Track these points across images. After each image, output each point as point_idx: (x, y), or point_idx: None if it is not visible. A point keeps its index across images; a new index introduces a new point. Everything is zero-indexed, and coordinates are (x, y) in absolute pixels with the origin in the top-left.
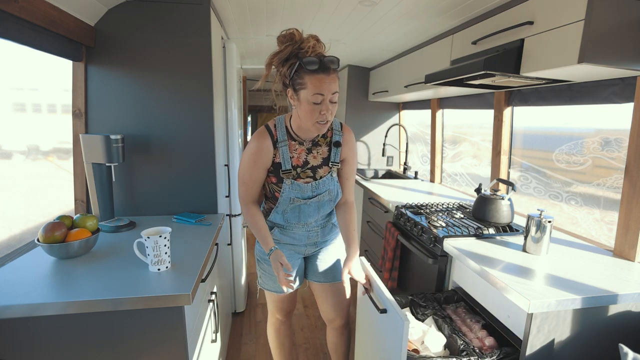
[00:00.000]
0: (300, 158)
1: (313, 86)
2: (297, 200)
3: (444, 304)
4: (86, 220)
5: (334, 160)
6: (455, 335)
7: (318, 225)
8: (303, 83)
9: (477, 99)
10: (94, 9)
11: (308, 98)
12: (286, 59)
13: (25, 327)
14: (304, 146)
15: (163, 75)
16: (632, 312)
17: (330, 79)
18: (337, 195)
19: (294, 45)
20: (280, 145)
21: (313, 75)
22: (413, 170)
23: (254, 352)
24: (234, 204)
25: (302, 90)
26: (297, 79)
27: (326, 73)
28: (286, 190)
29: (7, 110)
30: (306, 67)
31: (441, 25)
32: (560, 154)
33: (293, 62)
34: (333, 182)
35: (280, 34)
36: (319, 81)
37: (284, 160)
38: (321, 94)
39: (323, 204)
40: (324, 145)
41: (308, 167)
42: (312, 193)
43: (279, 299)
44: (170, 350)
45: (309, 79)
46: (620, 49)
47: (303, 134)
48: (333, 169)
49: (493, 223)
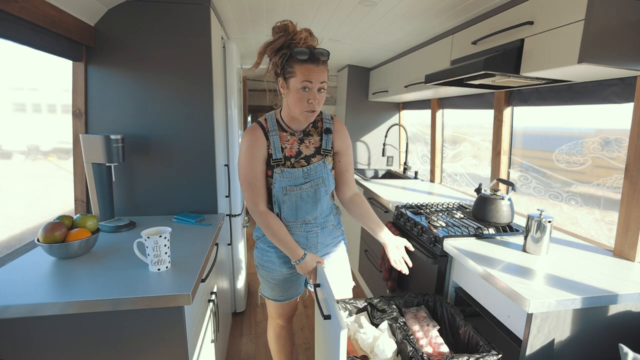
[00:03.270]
0: (293, 148)
1: (302, 74)
2: (289, 189)
3: (405, 308)
4: (86, 220)
5: (325, 147)
6: (406, 341)
7: (318, 225)
8: (293, 72)
9: (477, 99)
10: (94, 9)
11: (297, 86)
12: (278, 49)
13: (25, 327)
14: (295, 137)
15: (163, 75)
16: (632, 312)
17: (319, 69)
18: (331, 186)
19: (287, 36)
20: (271, 134)
21: (303, 64)
22: (413, 170)
23: (254, 352)
24: (234, 204)
25: (292, 79)
26: (287, 67)
27: (315, 63)
28: (277, 180)
29: (7, 110)
30: (296, 57)
31: (441, 26)
32: (560, 154)
33: (285, 52)
34: (326, 170)
35: (275, 25)
36: (307, 70)
37: (274, 149)
38: (309, 81)
39: (319, 196)
40: (315, 135)
41: (301, 156)
42: (304, 179)
43: (279, 305)
44: (170, 350)
45: (299, 68)
46: (620, 49)
47: (294, 124)
48: (326, 157)
49: (493, 223)
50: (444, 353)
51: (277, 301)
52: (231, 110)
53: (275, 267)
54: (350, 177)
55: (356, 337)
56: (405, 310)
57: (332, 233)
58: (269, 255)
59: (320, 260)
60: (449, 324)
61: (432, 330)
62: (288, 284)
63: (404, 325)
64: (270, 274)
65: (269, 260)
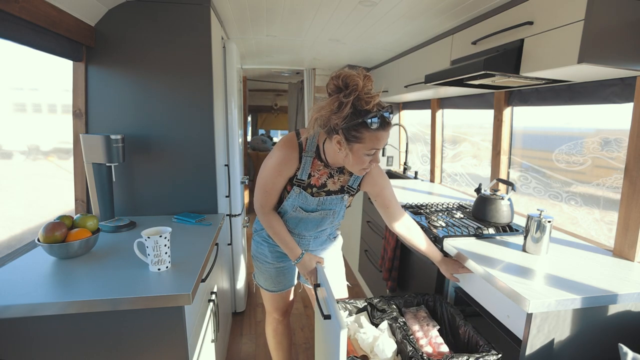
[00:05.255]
0: (321, 179)
1: (371, 142)
2: (299, 210)
3: (404, 308)
4: (86, 220)
5: (351, 185)
6: (406, 341)
7: (312, 236)
8: (360, 138)
9: (477, 99)
10: (94, 9)
11: (362, 151)
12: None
13: (25, 327)
14: (327, 169)
15: (163, 75)
16: (632, 312)
17: (388, 135)
18: (339, 218)
19: (355, 94)
20: (305, 155)
21: (374, 132)
22: (413, 170)
23: (254, 352)
24: (234, 204)
25: (357, 144)
26: (353, 132)
27: (386, 130)
28: (292, 197)
29: (7, 110)
30: (370, 127)
31: (441, 26)
32: (560, 154)
33: (351, 113)
34: (341, 205)
35: (334, 75)
36: (378, 138)
37: (303, 170)
38: (377, 149)
39: (323, 223)
40: (347, 174)
41: (324, 189)
42: (316, 207)
43: (274, 297)
44: (170, 350)
45: (369, 136)
46: (620, 49)
47: (334, 162)
48: (346, 194)
49: (493, 223)
50: (444, 353)
51: (270, 291)
52: (231, 110)
53: (267, 260)
54: (394, 211)
55: (356, 337)
56: (405, 310)
57: (326, 242)
58: (262, 248)
59: (320, 260)
60: (448, 324)
61: (432, 330)
62: (280, 276)
63: (404, 325)
64: (263, 266)
65: (262, 253)
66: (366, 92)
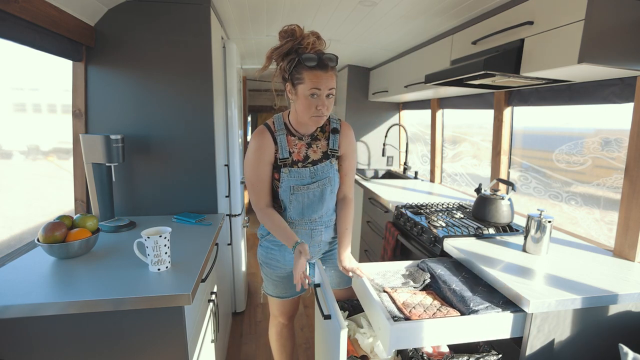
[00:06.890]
0: (301, 153)
1: (310, 81)
2: (297, 188)
3: None
4: (86, 220)
5: (332, 147)
6: None
7: (322, 223)
8: (301, 78)
9: (477, 99)
10: (94, 9)
11: (305, 93)
12: (286, 54)
13: (25, 327)
14: (303, 141)
15: (163, 75)
16: (632, 312)
17: (328, 76)
18: (337, 185)
19: (295, 41)
20: (278, 134)
21: (311, 71)
22: (413, 170)
23: (254, 352)
24: (234, 204)
25: (300, 85)
26: (295, 74)
27: (324, 70)
28: (285, 180)
29: (7, 110)
30: (305, 63)
31: (441, 26)
32: (560, 154)
33: (292, 58)
34: (333, 170)
35: (282, 29)
36: (316, 77)
37: (281, 149)
38: (318, 88)
39: (325, 195)
40: (323, 139)
41: (309, 161)
42: (310, 179)
43: (283, 303)
44: (170, 350)
45: (307, 75)
46: (620, 49)
47: (301, 128)
48: (332, 158)
49: (493, 223)
50: (444, 353)
51: (280, 298)
52: (231, 110)
53: (279, 264)
54: (348, 180)
55: (356, 337)
56: None
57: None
58: (274, 252)
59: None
60: None
61: None
62: (292, 281)
63: None
64: (274, 272)
65: (273, 258)
66: (309, 42)
